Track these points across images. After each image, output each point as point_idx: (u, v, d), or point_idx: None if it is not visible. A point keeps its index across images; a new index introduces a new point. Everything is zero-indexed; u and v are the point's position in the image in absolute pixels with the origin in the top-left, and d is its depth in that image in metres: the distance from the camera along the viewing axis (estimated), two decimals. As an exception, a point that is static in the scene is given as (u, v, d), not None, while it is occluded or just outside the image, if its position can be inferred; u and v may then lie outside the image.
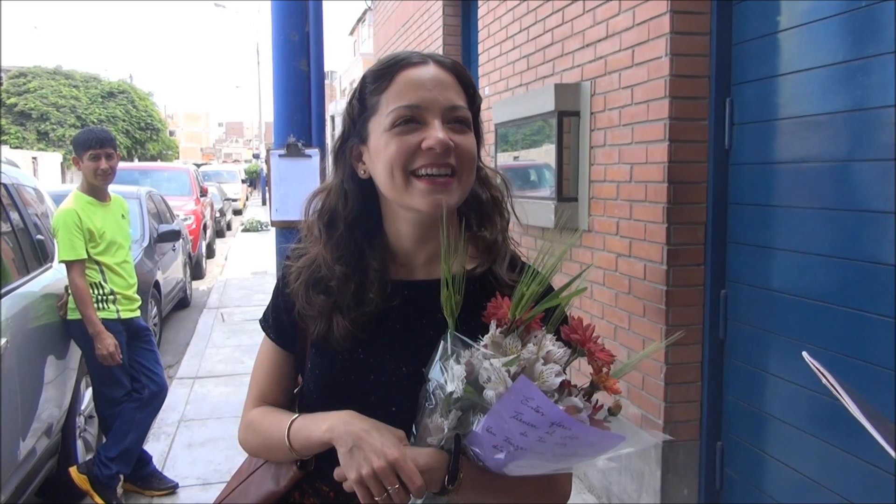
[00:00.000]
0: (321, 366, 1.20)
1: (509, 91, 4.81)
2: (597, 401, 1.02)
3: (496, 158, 4.64)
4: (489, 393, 0.96)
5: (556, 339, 1.03)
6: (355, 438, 1.04)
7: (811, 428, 2.60)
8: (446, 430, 1.01)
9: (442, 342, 1.03)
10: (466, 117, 1.13)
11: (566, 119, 3.80)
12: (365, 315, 1.16)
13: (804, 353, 1.41)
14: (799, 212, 2.66)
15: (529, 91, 4.41)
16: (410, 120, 1.09)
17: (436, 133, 1.08)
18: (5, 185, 3.76)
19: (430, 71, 1.12)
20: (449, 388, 0.99)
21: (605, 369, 1.03)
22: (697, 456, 3.15)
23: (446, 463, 1.02)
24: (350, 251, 1.18)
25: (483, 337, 1.01)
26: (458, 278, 1.03)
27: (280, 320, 1.27)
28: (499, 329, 1.01)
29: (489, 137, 4.62)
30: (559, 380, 0.97)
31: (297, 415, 1.20)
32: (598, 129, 3.64)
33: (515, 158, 4.50)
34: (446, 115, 1.10)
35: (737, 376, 3.02)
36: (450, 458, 1.02)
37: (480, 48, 5.39)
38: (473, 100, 1.17)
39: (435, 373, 1.02)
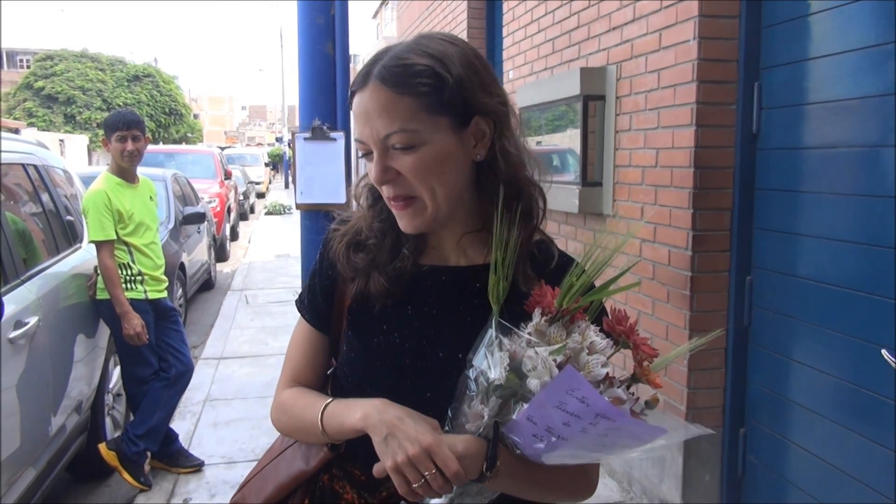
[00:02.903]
0: (357, 348, 1.20)
1: (534, 75, 4.78)
2: (633, 393, 1.01)
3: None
4: (533, 382, 0.95)
5: (599, 331, 1.02)
6: (389, 426, 1.03)
7: (835, 415, 2.59)
8: (486, 418, 1.00)
9: (488, 329, 1.02)
10: (404, 141, 1.07)
11: (591, 103, 3.77)
12: (399, 270, 1.18)
13: (883, 351, 1.38)
14: (827, 198, 2.63)
15: (554, 75, 4.39)
16: (367, 152, 1.12)
17: (372, 170, 1.12)
18: (36, 167, 3.82)
19: (364, 98, 1.09)
20: (491, 376, 0.97)
21: (646, 362, 1.02)
22: (720, 442, 3.14)
23: (484, 449, 1.01)
24: (391, 215, 1.19)
25: (527, 325, 1.00)
26: (508, 264, 1.03)
27: (315, 301, 1.28)
28: (543, 318, 1.00)
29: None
30: (605, 370, 0.96)
31: (330, 399, 1.18)
32: (623, 113, 3.62)
33: (539, 143, 4.48)
34: (383, 145, 1.09)
35: (761, 363, 3.00)
36: (488, 445, 1.01)
37: (505, 31, 5.36)
38: (440, 89, 1.07)
39: (478, 359, 1.01)
